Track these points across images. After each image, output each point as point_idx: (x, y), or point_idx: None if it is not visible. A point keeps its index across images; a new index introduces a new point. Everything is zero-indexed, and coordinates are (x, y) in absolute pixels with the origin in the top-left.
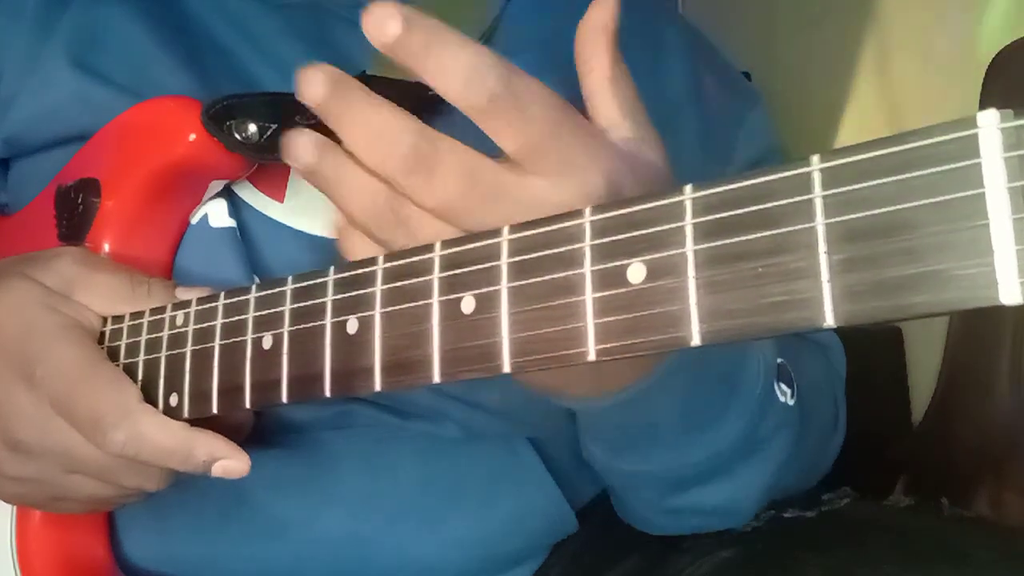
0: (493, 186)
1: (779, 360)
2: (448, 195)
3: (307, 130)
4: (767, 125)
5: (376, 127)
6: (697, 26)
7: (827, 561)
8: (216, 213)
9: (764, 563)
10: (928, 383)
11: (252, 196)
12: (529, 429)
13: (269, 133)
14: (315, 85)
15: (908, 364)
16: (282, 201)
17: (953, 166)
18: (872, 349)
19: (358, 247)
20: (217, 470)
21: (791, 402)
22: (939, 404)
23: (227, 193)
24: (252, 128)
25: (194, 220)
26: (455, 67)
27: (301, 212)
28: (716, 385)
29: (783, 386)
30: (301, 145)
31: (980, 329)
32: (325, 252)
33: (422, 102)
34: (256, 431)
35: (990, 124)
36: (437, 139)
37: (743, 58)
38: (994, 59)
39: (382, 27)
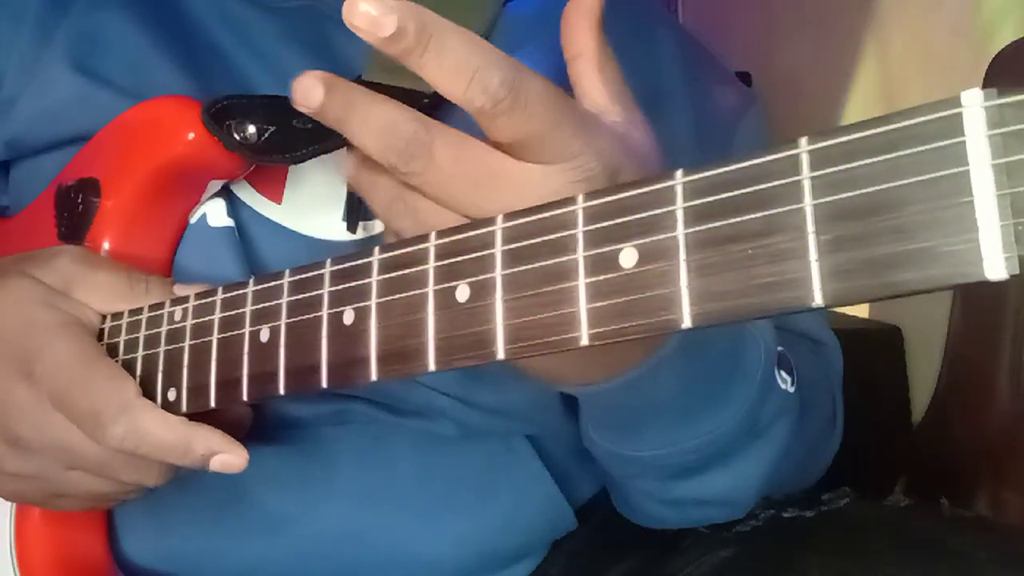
0: (492, 171)
1: (779, 348)
2: (446, 180)
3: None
4: (762, 126)
5: (376, 121)
6: (692, 29)
7: (827, 561)
8: (214, 212)
9: (764, 563)
10: (928, 383)
11: (250, 197)
12: (526, 427)
13: (267, 135)
14: (311, 91)
15: (908, 364)
16: (280, 202)
17: (938, 144)
18: (872, 348)
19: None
20: (215, 465)
21: (791, 389)
22: (939, 404)
23: (226, 193)
24: (251, 129)
25: (193, 219)
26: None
27: (298, 213)
28: (718, 366)
29: (783, 373)
30: (346, 161)
31: (980, 329)
32: (322, 253)
33: (417, 107)
34: (254, 427)
35: (974, 103)
36: (434, 126)
37: (743, 58)
38: (994, 58)
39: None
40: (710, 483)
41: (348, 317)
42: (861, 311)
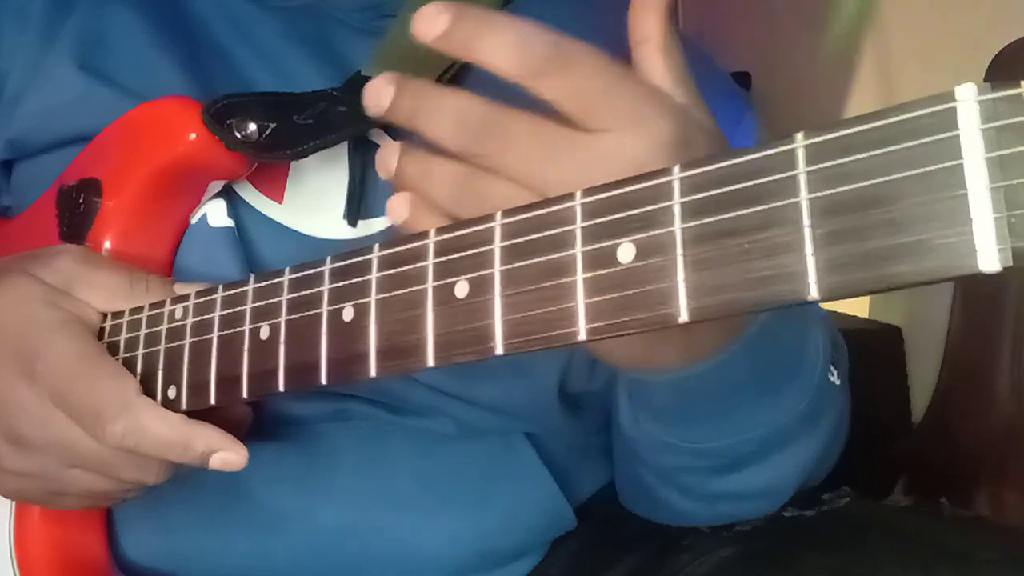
0: (570, 144)
1: None
2: (523, 159)
3: (389, 140)
4: (757, 132)
5: (449, 109)
6: (692, 29)
7: (827, 561)
8: (215, 213)
9: (764, 562)
10: (928, 382)
11: (251, 196)
12: (525, 425)
13: (268, 132)
14: (381, 92)
15: (908, 363)
16: (281, 201)
17: (932, 138)
18: (872, 348)
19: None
20: (215, 462)
21: (838, 382)
22: (939, 403)
23: (226, 193)
24: (252, 127)
25: (194, 220)
26: (503, 42)
27: (299, 212)
28: (788, 354)
29: (831, 367)
30: (387, 155)
31: (980, 330)
32: (322, 252)
33: None
34: (253, 425)
35: (968, 97)
36: (504, 110)
37: (743, 58)
38: (994, 58)
39: (432, 24)
40: (757, 475)
41: (348, 314)
42: (861, 311)
